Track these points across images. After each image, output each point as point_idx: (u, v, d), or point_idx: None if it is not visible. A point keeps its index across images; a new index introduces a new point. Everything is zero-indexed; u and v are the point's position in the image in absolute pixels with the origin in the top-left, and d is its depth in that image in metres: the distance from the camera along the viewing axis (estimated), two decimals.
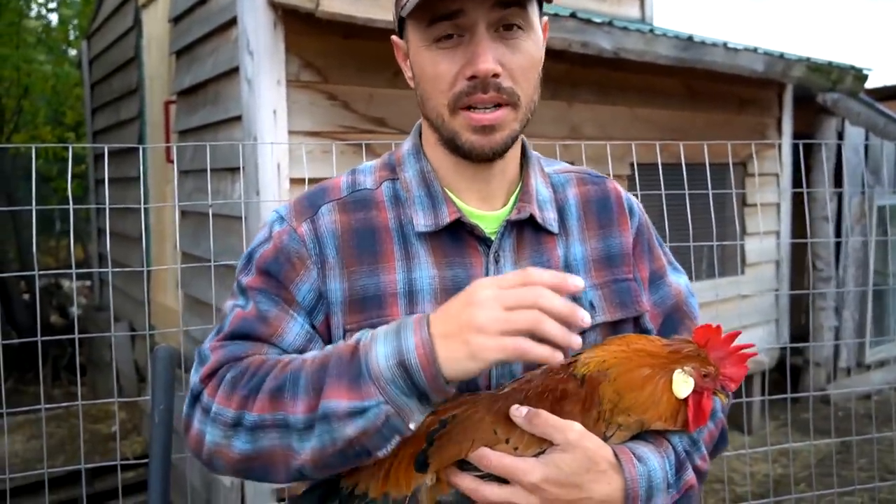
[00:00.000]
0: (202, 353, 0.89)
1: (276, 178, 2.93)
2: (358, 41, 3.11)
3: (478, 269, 0.91)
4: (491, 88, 0.84)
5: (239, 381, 0.83)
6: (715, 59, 4.00)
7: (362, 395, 0.76)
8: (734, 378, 0.84)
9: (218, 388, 0.84)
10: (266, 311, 0.88)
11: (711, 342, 0.84)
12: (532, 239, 0.94)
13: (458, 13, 0.83)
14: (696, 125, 4.61)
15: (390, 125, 3.28)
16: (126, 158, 4.99)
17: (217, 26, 3.35)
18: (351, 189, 0.95)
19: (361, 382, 0.76)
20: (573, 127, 3.97)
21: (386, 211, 0.93)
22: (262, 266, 0.91)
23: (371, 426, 0.76)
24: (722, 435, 0.99)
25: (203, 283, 3.40)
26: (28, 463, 4.24)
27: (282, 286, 0.89)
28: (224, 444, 0.82)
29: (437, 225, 0.90)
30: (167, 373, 1.44)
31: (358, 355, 0.78)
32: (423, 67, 0.88)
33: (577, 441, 0.79)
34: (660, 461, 0.84)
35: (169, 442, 1.42)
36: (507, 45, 0.85)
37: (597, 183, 1.03)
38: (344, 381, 0.77)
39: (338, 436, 0.76)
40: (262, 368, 0.83)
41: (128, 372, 5.09)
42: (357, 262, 0.89)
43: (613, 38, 3.53)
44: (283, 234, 0.91)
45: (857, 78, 4.97)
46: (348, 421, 0.76)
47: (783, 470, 4.25)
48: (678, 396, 0.83)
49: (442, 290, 0.89)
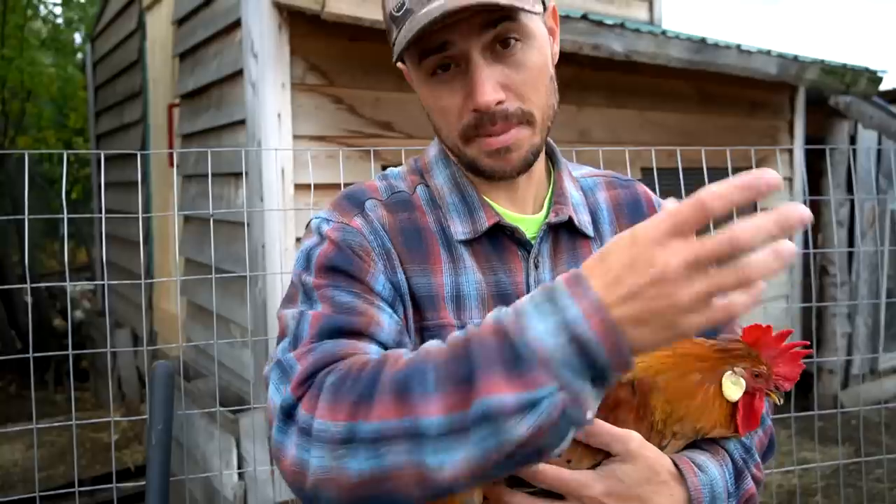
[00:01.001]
0: (285, 363, 0.73)
1: (281, 184, 2.88)
2: (364, 43, 3.06)
3: (518, 274, 0.87)
4: (498, 119, 0.80)
5: (343, 385, 0.67)
6: (728, 62, 3.94)
7: (530, 384, 0.60)
8: (789, 377, 0.81)
9: (317, 398, 0.67)
10: (349, 301, 0.77)
11: (762, 341, 0.81)
12: (568, 243, 0.91)
13: (447, 45, 0.78)
14: (708, 129, 4.55)
15: (397, 129, 3.23)
16: (129, 162, 4.95)
17: (221, 28, 3.30)
18: (389, 192, 0.90)
19: (526, 369, 0.61)
20: (582, 131, 3.90)
21: (426, 214, 0.89)
22: (325, 263, 0.80)
23: (547, 420, 0.60)
24: (771, 442, 0.96)
25: (206, 290, 3.34)
26: (28, 472, 4.19)
27: (354, 279, 0.79)
28: (335, 466, 0.65)
29: (476, 231, 0.86)
30: (165, 390, 1.38)
31: (509, 337, 0.62)
32: (428, 101, 0.86)
33: (638, 451, 0.75)
34: (719, 470, 0.81)
35: (167, 462, 1.36)
36: (507, 62, 0.80)
37: (626, 186, 1.00)
38: (498, 370, 0.61)
39: (506, 437, 0.61)
40: (370, 366, 0.68)
41: (130, 378, 5.05)
42: (409, 260, 0.84)
43: (625, 41, 3.47)
44: (336, 229, 0.83)
45: (872, 80, 4.90)
46: (519, 417, 0.60)
47: (797, 480, 4.17)
48: (730, 399, 0.80)
49: (489, 295, 0.85)
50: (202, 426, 3.12)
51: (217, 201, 3.31)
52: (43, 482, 3.51)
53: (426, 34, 0.77)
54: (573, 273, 0.63)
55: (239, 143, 3.13)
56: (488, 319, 0.65)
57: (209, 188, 2.24)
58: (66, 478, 3.55)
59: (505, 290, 0.85)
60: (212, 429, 3.00)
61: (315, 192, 2.40)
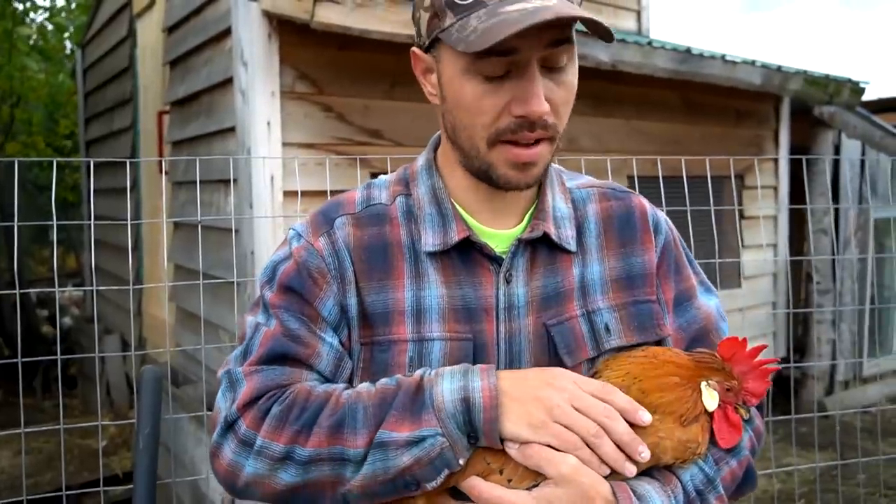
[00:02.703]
0: (233, 376, 0.86)
1: (270, 191, 2.90)
2: (353, 52, 3.09)
3: (488, 288, 0.88)
4: (538, 127, 0.82)
5: (287, 415, 0.82)
6: (713, 72, 4.00)
7: (422, 425, 0.77)
8: (755, 393, 0.84)
9: (262, 420, 0.82)
10: (295, 329, 0.87)
11: (737, 356, 0.83)
12: (547, 258, 0.91)
13: (513, 51, 0.78)
14: (694, 137, 4.61)
15: (386, 137, 3.26)
16: (120, 168, 4.95)
17: (211, 36, 3.33)
18: (365, 204, 0.93)
19: (423, 413, 0.78)
20: (570, 139, 3.95)
21: (399, 227, 0.91)
22: (285, 282, 0.89)
23: (425, 456, 0.77)
24: (746, 475, 0.93)
25: (196, 296, 3.36)
26: (15, 479, 4.18)
27: (305, 303, 0.88)
28: (267, 475, 0.82)
29: (446, 244, 0.88)
30: (153, 395, 1.40)
31: (422, 389, 0.79)
32: (462, 96, 0.83)
33: (571, 475, 0.76)
34: (664, 499, 0.80)
35: (154, 466, 1.38)
36: (553, 79, 0.82)
37: (620, 198, 0.98)
38: (407, 415, 0.78)
39: (391, 464, 0.77)
40: (312, 401, 0.82)
41: (119, 384, 5.04)
42: (367, 278, 0.88)
43: (611, 51, 3.53)
44: (302, 249, 0.90)
45: (854, 91, 4.98)
46: (404, 450, 0.77)
47: (783, 485, 4.21)
48: (707, 408, 0.82)
49: (450, 309, 0.87)
50: (190, 431, 3.13)
51: (207, 208, 3.33)
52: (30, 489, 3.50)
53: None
54: (489, 366, 0.81)
55: (229, 150, 3.15)
56: (417, 374, 0.82)
57: (197, 196, 2.26)
58: (53, 484, 3.55)
59: (470, 303, 0.87)
60: (200, 433, 3.02)
61: (303, 200, 2.43)
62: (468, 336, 0.86)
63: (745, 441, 0.91)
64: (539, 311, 0.89)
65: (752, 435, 0.95)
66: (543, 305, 0.89)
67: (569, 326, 0.89)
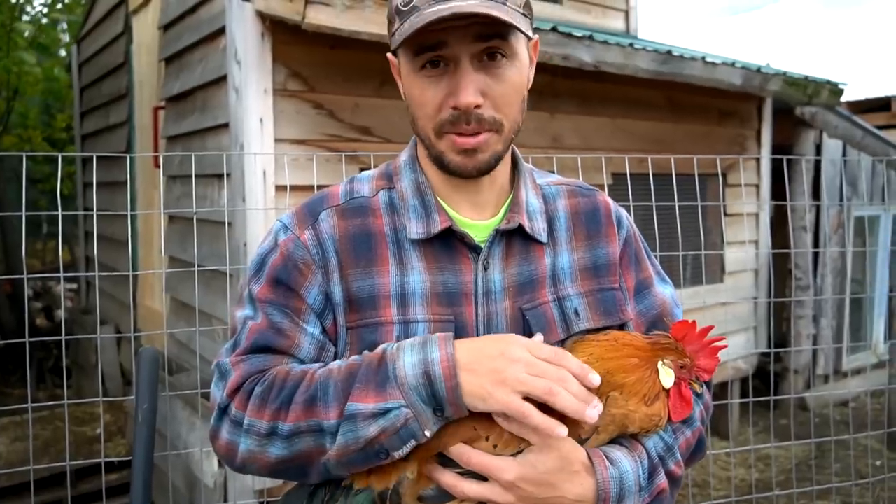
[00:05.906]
0: (222, 367, 0.93)
1: (262, 185, 2.99)
2: (344, 51, 3.18)
3: (468, 275, 0.94)
4: (473, 120, 0.88)
5: (268, 395, 0.88)
6: (693, 73, 4.09)
7: (386, 398, 0.82)
8: (707, 369, 0.91)
9: (247, 401, 0.89)
10: (279, 322, 0.93)
11: (688, 336, 0.91)
12: (521, 248, 0.98)
13: (442, 45, 0.87)
14: (678, 136, 4.70)
15: (375, 134, 3.35)
16: (115, 162, 5.03)
17: (206, 35, 3.40)
18: (349, 196, 1.00)
19: (387, 386, 0.82)
20: (555, 137, 4.05)
21: (382, 218, 0.97)
22: (272, 274, 0.95)
23: (391, 427, 0.81)
24: (699, 443, 1.02)
25: (190, 287, 3.45)
26: (12, 465, 4.26)
27: (292, 294, 0.94)
28: (259, 451, 0.88)
29: (429, 233, 0.94)
30: (151, 373, 1.50)
31: (385, 363, 0.84)
32: (412, 91, 0.92)
33: (554, 442, 0.83)
34: (633, 465, 0.88)
35: (152, 440, 1.48)
36: (490, 74, 0.88)
37: (587, 195, 1.06)
38: (371, 387, 0.83)
39: (361, 434, 0.82)
40: (289, 380, 0.88)
41: (113, 374, 5.12)
42: (353, 265, 0.94)
43: (594, 52, 3.62)
44: (289, 242, 0.96)
45: (833, 92, 5.08)
46: (371, 421, 0.82)
47: (760, 475, 4.33)
48: (664, 386, 0.89)
49: (433, 293, 0.93)
50: (184, 417, 3.22)
51: (202, 201, 3.42)
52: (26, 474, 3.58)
53: (426, 31, 0.85)
54: (446, 335, 0.85)
55: (222, 145, 3.23)
56: (379, 349, 0.87)
57: (192, 190, 2.35)
58: (49, 470, 3.63)
59: (451, 288, 0.93)
60: (194, 419, 3.12)
61: (292, 194, 2.52)
62: (450, 318, 0.93)
63: (696, 413, 1.00)
64: (515, 296, 0.96)
65: (702, 409, 1.04)
66: (519, 291, 0.96)
67: (542, 311, 0.96)
